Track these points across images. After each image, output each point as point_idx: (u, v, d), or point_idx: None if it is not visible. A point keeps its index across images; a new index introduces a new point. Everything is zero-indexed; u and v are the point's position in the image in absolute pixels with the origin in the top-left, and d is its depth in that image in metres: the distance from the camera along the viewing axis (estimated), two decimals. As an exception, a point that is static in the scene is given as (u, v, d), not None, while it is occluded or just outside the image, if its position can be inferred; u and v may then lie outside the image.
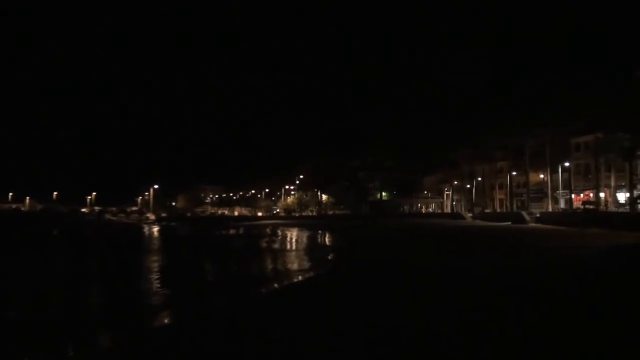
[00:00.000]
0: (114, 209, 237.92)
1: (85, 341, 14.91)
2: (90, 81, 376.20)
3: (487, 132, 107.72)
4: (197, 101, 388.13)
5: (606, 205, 77.63)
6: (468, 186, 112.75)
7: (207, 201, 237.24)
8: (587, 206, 75.59)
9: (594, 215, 66.23)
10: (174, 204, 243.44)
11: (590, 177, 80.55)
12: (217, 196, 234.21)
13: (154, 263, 39.06)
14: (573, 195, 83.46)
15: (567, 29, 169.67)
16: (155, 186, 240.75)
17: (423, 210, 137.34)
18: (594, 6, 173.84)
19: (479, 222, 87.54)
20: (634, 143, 65.83)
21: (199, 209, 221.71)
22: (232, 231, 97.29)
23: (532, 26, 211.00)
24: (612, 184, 77.36)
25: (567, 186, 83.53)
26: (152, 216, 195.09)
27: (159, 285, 26.68)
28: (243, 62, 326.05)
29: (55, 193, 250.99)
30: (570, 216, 72.17)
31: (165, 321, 17.87)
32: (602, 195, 79.02)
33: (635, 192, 63.53)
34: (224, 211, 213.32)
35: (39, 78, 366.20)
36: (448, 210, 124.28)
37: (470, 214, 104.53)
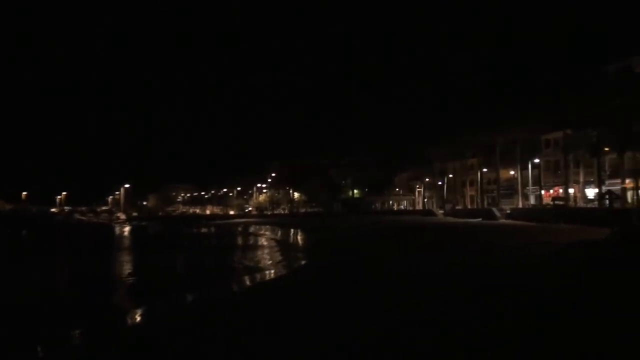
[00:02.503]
0: (83, 208, 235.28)
1: (50, 341, 14.60)
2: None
3: (459, 130, 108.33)
4: (167, 100, 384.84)
5: (575, 201, 78.38)
6: (439, 183, 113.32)
7: (178, 200, 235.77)
8: (556, 202, 76.26)
9: (563, 211, 66.85)
10: (145, 203, 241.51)
11: (559, 174, 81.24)
12: (188, 195, 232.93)
13: (122, 262, 38.76)
14: (543, 192, 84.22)
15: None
16: (126, 185, 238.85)
17: (395, 208, 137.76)
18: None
19: (450, 219, 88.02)
20: (602, 139, 66.52)
21: (170, 208, 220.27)
22: (203, 230, 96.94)
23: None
24: (581, 180, 78.10)
25: (537, 182, 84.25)
26: (122, 216, 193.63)
27: (126, 285, 26.46)
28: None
29: (24, 193, 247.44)
30: (540, 212, 72.80)
31: (134, 320, 17.66)
32: (571, 191, 79.73)
33: (604, 188, 64.16)
34: (195, 210, 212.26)
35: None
36: (420, 207, 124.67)
37: (441, 211, 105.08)
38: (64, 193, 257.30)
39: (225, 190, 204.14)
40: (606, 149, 67.34)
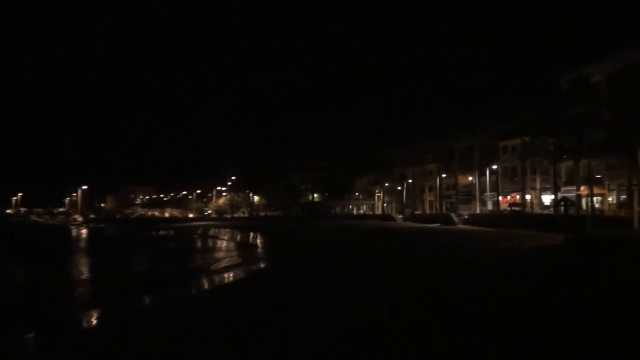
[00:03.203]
0: (40, 210, 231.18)
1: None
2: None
3: (419, 135, 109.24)
4: (129, 101, 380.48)
5: (532, 207, 79.56)
6: (399, 188, 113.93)
7: (137, 202, 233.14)
8: (513, 208, 77.29)
9: (520, 216, 67.80)
10: (102, 205, 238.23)
11: (516, 180, 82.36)
12: (147, 197, 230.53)
13: (77, 265, 38.27)
14: (500, 197, 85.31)
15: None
16: (84, 187, 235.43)
17: (354, 212, 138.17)
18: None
19: (409, 224, 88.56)
20: (559, 147, 67.61)
21: (128, 210, 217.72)
22: (162, 232, 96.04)
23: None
24: (538, 186, 79.35)
25: (495, 188, 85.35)
26: (79, 217, 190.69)
27: (81, 287, 26.12)
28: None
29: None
30: (497, 218, 73.69)
31: (89, 323, 17.45)
32: (528, 197, 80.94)
33: (559, 195, 65.20)
34: (154, 212, 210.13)
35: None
36: (379, 212, 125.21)
37: (400, 216, 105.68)
38: (19, 194, 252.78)
39: (184, 193, 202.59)
40: (563, 156, 68.46)
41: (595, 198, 64.55)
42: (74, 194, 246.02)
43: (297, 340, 11.94)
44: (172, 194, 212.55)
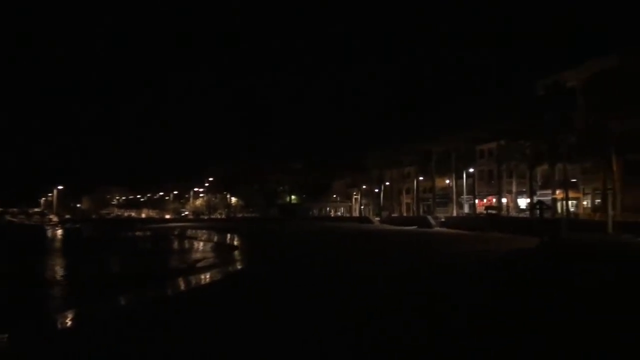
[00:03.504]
0: (15, 210, 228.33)
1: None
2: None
3: (397, 138, 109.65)
4: (104, 100, 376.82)
5: (508, 210, 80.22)
6: (376, 190, 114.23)
7: (113, 203, 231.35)
8: (489, 211, 77.93)
9: (496, 220, 68.35)
10: (78, 205, 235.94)
11: (493, 183, 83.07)
12: (123, 198, 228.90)
13: (53, 265, 37.97)
14: (477, 200, 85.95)
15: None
16: (60, 187, 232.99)
17: (332, 214, 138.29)
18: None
19: (386, 226, 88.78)
20: (535, 151, 68.29)
21: (104, 211, 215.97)
22: (138, 233, 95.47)
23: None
24: (514, 189, 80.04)
25: (471, 191, 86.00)
26: (55, 218, 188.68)
27: (56, 287, 25.95)
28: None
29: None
30: (473, 221, 74.23)
31: (65, 323, 17.35)
32: (504, 200, 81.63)
33: (535, 198, 65.81)
34: (130, 213, 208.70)
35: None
36: (356, 214, 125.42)
37: (377, 218, 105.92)
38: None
39: (161, 193, 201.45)
40: (538, 160, 69.15)
41: (570, 202, 65.30)
42: (50, 194, 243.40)
43: (274, 342, 11.98)
44: (148, 195, 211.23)
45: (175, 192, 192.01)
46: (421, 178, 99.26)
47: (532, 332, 12.00)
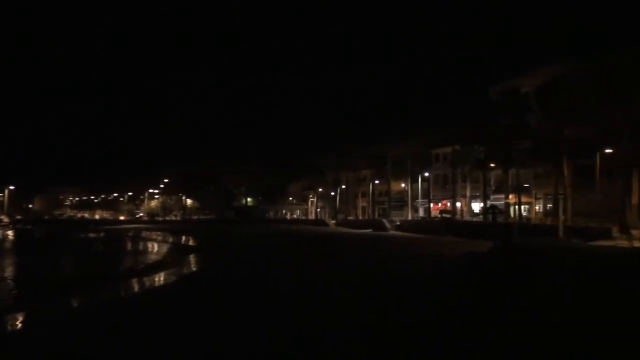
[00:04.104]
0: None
1: None
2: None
3: (353, 141, 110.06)
4: (56, 100, 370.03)
5: (462, 214, 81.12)
6: (332, 193, 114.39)
7: (66, 204, 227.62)
8: (444, 215, 78.67)
9: (451, 223, 69.05)
10: (30, 206, 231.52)
11: (448, 187, 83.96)
12: (77, 199, 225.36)
13: (2, 265, 37.15)
14: (432, 204, 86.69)
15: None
16: (11, 187, 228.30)
17: (288, 217, 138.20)
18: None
19: (342, 229, 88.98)
20: (489, 156, 69.19)
21: (57, 212, 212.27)
22: (92, 234, 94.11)
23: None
24: (468, 194, 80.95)
25: (427, 195, 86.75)
26: (5, 219, 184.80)
27: (5, 289, 25.42)
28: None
29: None
30: (428, 224, 74.80)
31: (14, 325, 17.00)
32: (458, 204, 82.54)
33: (489, 203, 66.71)
34: (84, 214, 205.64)
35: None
36: (312, 217, 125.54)
37: (333, 221, 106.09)
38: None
39: (115, 194, 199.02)
40: (492, 165, 70.09)
41: (522, 206, 66.27)
42: (0, 194, 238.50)
43: (229, 344, 11.90)
44: (102, 196, 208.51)
45: (130, 194, 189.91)
46: (377, 181, 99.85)
47: (481, 334, 12.12)
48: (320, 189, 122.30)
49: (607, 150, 51.41)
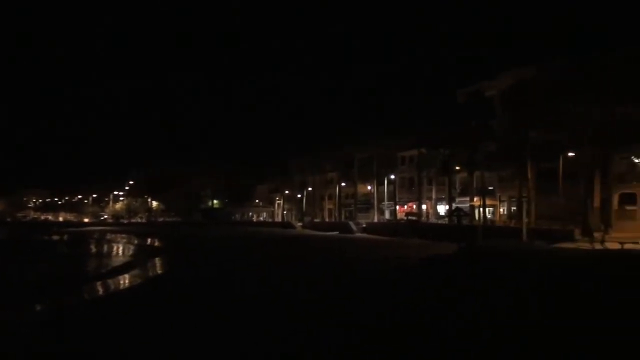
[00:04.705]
0: None
1: None
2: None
3: (321, 144, 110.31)
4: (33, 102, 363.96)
5: (428, 216, 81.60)
6: (299, 196, 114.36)
7: (29, 206, 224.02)
8: (410, 217, 79.08)
9: (417, 226, 69.43)
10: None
11: (413, 190, 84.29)
12: (40, 201, 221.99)
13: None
14: (397, 207, 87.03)
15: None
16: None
17: (254, 219, 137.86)
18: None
19: (308, 232, 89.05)
20: (454, 159, 69.71)
21: (20, 214, 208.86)
22: (55, 237, 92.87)
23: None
24: (433, 196, 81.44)
25: (393, 198, 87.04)
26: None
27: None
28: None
29: None
30: (394, 227, 75.13)
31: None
32: (424, 207, 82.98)
33: (454, 205, 67.14)
34: (47, 216, 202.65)
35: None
36: (279, 219, 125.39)
37: (300, 224, 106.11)
38: None
39: (80, 197, 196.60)
40: (457, 168, 70.62)
41: (487, 209, 66.83)
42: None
43: (196, 347, 11.82)
44: (66, 198, 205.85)
45: (95, 196, 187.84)
46: (343, 184, 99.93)
47: (444, 334, 12.20)
48: (287, 191, 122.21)
49: (570, 154, 52.08)
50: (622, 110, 47.63)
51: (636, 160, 51.96)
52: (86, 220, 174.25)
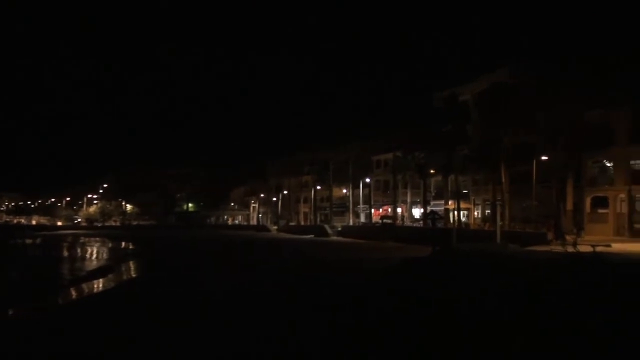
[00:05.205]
0: None
1: None
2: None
3: (296, 147, 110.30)
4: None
5: (403, 219, 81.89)
6: (274, 199, 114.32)
7: (1, 209, 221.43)
8: (385, 220, 79.28)
9: (392, 229, 69.62)
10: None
11: (389, 193, 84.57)
12: (12, 204, 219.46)
13: None
14: (373, 210, 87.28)
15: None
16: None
17: (230, 222, 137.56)
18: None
19: (283, 235, 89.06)
20: (429, 162, 70.11)
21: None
22: (28, 240, 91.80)
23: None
24: (409, 200, 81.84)
25: (368, 201, 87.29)
26: None
27: None
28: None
29: None
30: (369, 230, 75.35)
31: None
32: (399, 210, 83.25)
33: (429, 209, 67.47)
34: (20, 220, 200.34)
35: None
36: (254, 222, 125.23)
37: (275, 227, 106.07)
38: None
39: (53, 200, 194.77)
40: (432, 171, 71.01)
41: (462, 212, 67.26)
42: None
43: (167, 349, 11.80)
44: (39, 201, 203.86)
45: (68, 199, 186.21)
46: (319, 187, 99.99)
47: (413, 338, 12.25)
48: (262, 195, 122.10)
49: (543, 158, 52.55)
50: (592, 114, 48.34)
51: (608, 164, 52.52)
52: (59, 223, 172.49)
